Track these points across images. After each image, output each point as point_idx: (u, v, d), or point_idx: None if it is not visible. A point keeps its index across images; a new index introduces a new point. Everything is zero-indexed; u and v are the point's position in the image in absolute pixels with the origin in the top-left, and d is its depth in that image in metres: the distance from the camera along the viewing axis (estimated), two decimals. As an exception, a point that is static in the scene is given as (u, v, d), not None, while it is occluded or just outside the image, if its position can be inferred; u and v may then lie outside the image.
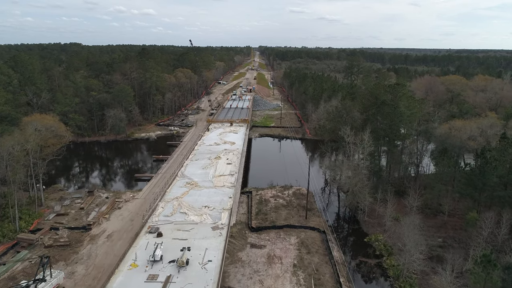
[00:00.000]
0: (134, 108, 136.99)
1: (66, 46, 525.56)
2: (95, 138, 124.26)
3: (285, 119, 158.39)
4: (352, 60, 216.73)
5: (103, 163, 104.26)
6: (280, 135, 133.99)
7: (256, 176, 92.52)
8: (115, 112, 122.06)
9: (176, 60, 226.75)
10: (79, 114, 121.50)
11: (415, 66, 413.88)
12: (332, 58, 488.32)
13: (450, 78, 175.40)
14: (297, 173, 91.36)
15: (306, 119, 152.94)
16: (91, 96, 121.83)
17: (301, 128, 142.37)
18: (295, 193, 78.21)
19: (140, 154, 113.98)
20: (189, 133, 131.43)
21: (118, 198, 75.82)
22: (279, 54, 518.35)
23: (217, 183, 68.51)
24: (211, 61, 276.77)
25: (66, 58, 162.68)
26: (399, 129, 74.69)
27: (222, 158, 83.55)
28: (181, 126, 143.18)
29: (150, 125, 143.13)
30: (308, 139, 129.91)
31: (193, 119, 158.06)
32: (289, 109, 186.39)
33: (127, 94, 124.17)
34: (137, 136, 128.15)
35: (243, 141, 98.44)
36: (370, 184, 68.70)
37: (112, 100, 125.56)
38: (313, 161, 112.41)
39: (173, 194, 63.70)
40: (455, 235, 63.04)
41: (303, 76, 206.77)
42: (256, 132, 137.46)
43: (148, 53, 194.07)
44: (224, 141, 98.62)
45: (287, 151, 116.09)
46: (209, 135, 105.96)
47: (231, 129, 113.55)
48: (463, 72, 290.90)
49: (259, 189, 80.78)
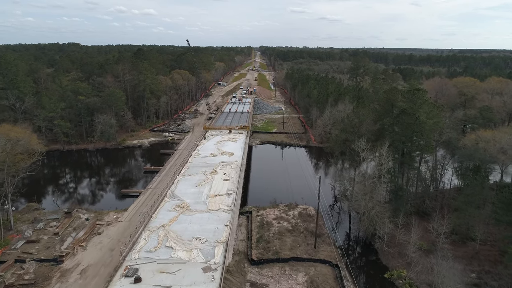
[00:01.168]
0: (126, 112, 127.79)
1: (64, 46, 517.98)
2: (83, 146, 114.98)
3: (288, 124, 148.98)
4: (357, 61, 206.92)
5: (88, 175, 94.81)
6: (283, 142, 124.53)
7: (257, 191, 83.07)
8: (105, 118, 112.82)
9: (173, 61, 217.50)
10: (65, 120, 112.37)
11: (419, 66, 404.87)
12: (334, 59, 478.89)
13: (462, 80, 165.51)
14: (303, 188, 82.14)
15: (310, 124, 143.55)
16: (79, 100, 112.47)
17: (305, 134, 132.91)
18: (301, 214, 68.73)
19: (130, 165, 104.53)
20: (185, 139, 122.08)
21: (100, 220, 66.48)
22: (280, 54, 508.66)
23: (212, 205, 59.07)
24: (210, 62, 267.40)
25: (56, 59, 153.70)
26: (420, 141, 65.15)
27: (219, 173, 74.15)
28: (176, 132, 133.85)
29: (143, 131, 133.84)
30: (313, 146, 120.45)
31: (190, 124, 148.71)
32: (291, 112, 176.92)
33: (117, 98, 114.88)
34: (128, 143, 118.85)
35: (242, 152, 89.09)
36: (389, 207, 59.19)
37: (102, 105, 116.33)
38: (318, 169, 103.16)
39: (160, 220, 54.33)
40: (491, 269, 53.55)
41: (306, 78, 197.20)
42: (257, 138, 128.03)
43: (143, 54, 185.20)
44: (221, 151, 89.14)
45: (291, 160, 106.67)
46: (206, 144, 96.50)
47: (229, 137, 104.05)
48: (471, 73, 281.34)
49: (260, 208, 71.33)
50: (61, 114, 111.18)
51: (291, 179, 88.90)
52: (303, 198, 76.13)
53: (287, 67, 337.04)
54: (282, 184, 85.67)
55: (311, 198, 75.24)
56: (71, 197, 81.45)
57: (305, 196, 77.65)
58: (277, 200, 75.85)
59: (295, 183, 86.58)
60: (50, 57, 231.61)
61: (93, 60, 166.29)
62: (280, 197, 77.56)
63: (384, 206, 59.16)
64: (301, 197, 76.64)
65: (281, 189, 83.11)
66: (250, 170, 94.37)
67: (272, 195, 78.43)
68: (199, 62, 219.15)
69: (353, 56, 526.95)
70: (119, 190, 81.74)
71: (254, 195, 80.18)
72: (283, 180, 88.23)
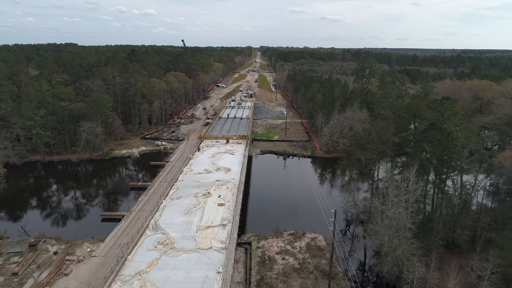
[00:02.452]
0: (115, 119, 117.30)
1: (61, 46, 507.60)
2: (66, 157, 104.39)
3: (291, 130, 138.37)
4: (363, 62, 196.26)
5: (66, 192, 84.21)
6: (285, 151, 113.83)
7: (257, 214, 72.34)
8: (90, 126, 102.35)
9: (169, 62, 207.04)
10: (47, 128, 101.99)
11: (423, 67, 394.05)
12: (336, 59, 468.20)
13: (477, 83, 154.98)
14: (310, 209, 71.69)
15: (314, 131, 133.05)
16: (62, 106, 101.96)
17: (310, 143, 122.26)
18: (310, 246, 58.15)
19: (116, 180, 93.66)
20: (178, 149, 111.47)
21: (71, 253, 56.00)
22: (281, 54, 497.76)
23: (202, 242, 48.50)
24: (208, 63, 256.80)
25: (39, 62, 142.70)
26: (452, 160, 54.59)
27: (213, 195, 63.58)
28: (170, 140, 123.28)
29: (134, 139, 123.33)
30: (319, 157, 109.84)
31: (185, 131, 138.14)
32: (294, 117, 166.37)
33: (103, 104, 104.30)
34: (116, 153, 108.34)
35: (241, 167, 78.56)
36: (417, 244, 48.62)
37: (87, 111, 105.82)
38: (325, 184, 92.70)
39: (136, 264, 43.78)
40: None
41: (309, 80, 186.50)
42: (257, 147, 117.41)
43: (136, 55, 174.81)
44: (217, 166, 78.43)
45: (295, 173, 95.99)
46: (199, 158, 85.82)
47: (226, 148, 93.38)
48: (480, 74, 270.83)
49: (261, 237, 60.78)
50: (42, 122, 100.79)
51: (296, 198, 78.37)
52: (311, 223, 65.73)
53: (289, 68, 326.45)
54: (286, 205, 75.13)
55: (320, 223, 64.81)
56: (43, 220, 70.83)
57: (313, 220, 67.26)
58: (281, 226, 65.30)
59: (301, 202, 76.10)
60: (43, 58, 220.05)
61: (83, 62, 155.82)
62: (284, 221, 67.10)
63: (411, 241, 48.62)
64: (309, 221, 66.29)
65: (284, 211, 72.63)
66: (250, 187, 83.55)
67: (274, 219, 67.92)
68: (196, 63, 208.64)
69: (355, 57, 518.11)
70: (99, 212, 71.12)
71: (254, 219, 69.54)
72: (287, 200, 77.66)
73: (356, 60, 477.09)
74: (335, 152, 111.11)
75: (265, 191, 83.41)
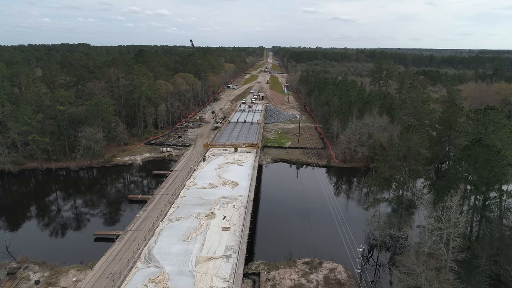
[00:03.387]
0: (118, 123, 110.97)
1: (73, 46, 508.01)
2: (65, 164, 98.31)
3: (304, 136, 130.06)
4: (380, 63, 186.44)
5: (60, 205, 77.58)
6: (298, 160, 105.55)
7: (267, 236, 64.25)
8: (91, 131, 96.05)
9: (178, 62, 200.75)
10: (45, 133, 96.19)
11: (441, 68, 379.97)
12: (350, 60, 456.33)
13: (507, 87, 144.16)
14: (327, 230, 63.64)
15: (330, 137, 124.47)
16: (60, 111, 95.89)
17: (325, 151, 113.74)
18: (328, 280, 49.97)
19: (114, 191, 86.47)
20: (184, 156, 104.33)
21: (54, 284, 49.10)
22: (293, 55, 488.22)
23: (201, 280, 40.80)
24: (219, 64, 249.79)
25: (42, 63, 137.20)
26: (500, 182, 45.80)
27: (217, 216, 55.94)
28: (176, 146, 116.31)
29: (138, 144, 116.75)
30: (335, 166, 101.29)
31: (192, 135, 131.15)
32: (307, 121, 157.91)
33: (104, 109, 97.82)
34: (118, 160, 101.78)
35: (250, 180, 70.83)
36: (460, 285, 40.05)
37: (87, 116, 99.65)
38: (341, 196, 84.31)
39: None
40: None
41: (323, 82, 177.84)
42: (268, 155, 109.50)
43: (144, 55, 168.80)
44: (223, 180, 70.70)
45: (310, 186, 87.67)
46: (204, 169, 78.24)
47: (234, 158, 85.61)
48: (503, 76, 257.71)
49: (272, 266, 52.86)
50: (39, 127, 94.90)
51: (310, 215, 70.22)
52: (329, 247, 57.69)
53: (301, 69, 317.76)
54: (300, 224, 67.05)
55: (339, 248, 56.87)
56: (31, 239, 64.18)
57: (331, 245, 59.19)
58: (294, 250, 57.43)
59: (317, 222, 67.97)
60: (47, 59, 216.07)
61: (89, 63, 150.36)
62: (297, 244, 59.34)
63: (453, 283, 40.09)
64: (326, 245, 58.29)
65: (298, 231, 64.59)
66: (259, 202, 75.48)
67: (287, 242, 60.09)
68: (206, 64, 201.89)
69: (370, 57, 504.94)
70: (93, 230, 64.11)
71: (263, 242, 61.55)
72: (300, 218, 69.56)
73: (370, 61, 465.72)
74: (352, 162, 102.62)
75: (276, 207, 75.18)
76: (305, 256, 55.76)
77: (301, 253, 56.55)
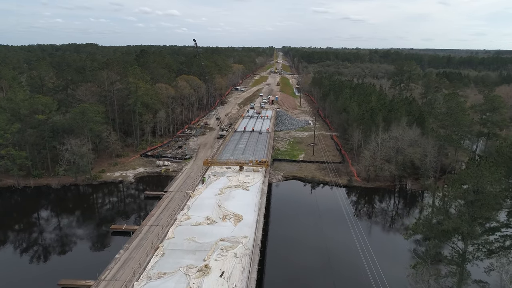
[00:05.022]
0: (110, 133, 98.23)
1: (81, 46, 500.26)
2: (46, 181, 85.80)
3: (319, 147, 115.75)
4: (401, 65, 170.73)
5: (28, 238, 64.44)
6: (314, 178, 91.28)
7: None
8: (76, 143, 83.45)
9: (183, 64, 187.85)
10: (22, 147, 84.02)
11: (459, 69, 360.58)
12: (363, 60, 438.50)
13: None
14: (355, 282, 49.43)
15: (348, 149, 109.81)
16: (39, 120, 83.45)
17: (344, 166, 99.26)
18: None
19: (96, 218, 72.07)
20: (182, 172, 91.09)
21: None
22: (304, 55, 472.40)
23: None
24: (226, 65, 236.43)
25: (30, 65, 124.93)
26: None
27: (212, 271, 42.07)
28: (175, 159, 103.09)
29: (133, 156, 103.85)
30: (357, 187, 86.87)
31: (195, 145, 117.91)
32: (321, 128, 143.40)
33: (90, 118, 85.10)
34: (107, 177, 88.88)
35: (257, 213, 56.86)
36: None
37: (71, 126, 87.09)
38: (369, 229, 69.87)
39: None
40: None
41: (338, 85, 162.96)
42: (278, 170, 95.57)
43: (145, 56, 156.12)
44: (224, 212, 56.67)
45: (332, 215, 72.62)
46: (202, 196, 64.20)
47: (239, 180, 71.50)
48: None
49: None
50: (15, 139, 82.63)
51: (332, 258, 56.05)
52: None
53: (313, 70, 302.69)
54: (320, 273, 52.92)
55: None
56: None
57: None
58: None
59: (341, 268, 53.79)
60: (36, 59, 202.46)
61: (86, 64, 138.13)
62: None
63: None
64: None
65: (318, 284, 50.46)
66: (267, 241, 60.66)
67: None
68: (212, 65, 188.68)
69: (383, 58, 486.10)
70: (57, 279, 50.73)
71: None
72: (320, 263, 55.39)
73: (385, 62, 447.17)
74: (377, 181, 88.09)
75: (290, 246, 60.53)
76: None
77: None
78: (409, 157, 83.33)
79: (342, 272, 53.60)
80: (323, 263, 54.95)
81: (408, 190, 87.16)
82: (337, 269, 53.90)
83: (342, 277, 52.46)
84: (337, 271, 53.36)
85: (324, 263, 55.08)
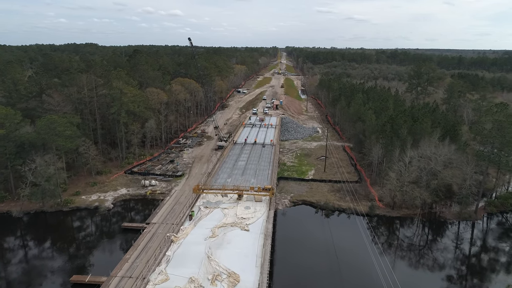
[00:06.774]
0: (89, 148, 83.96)
1: (80, 46, 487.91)
2: (7, 207, 71.69)
3: (331, 160, 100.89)
4: (419, 67, 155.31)
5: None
6: (328, 203, 76.23)
7: None
8: (43, 162, 69.28)
9: (180, 65, 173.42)
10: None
11: (470, 70, 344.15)
12: (370, 61, 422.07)
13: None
14: None
15: (365, 165, 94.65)
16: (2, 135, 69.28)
17: (362, 186, 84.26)
18: None
19: (58, 263, 57.07)
20: (171, 196, 76.63)
21: None
22: (309, 55, 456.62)
23: None
24: (227, 67, 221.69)
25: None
26: None
27: None
28: (164, 176, 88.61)
29: (116, 173, 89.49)
30: (381, 216, 71.91)
31: (189, 158, 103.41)
32: (332, 137, 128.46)
33: (59, 132, 70.76)
34: (81, 201, 74.58)
35: (259, 270, 42.13)
36: None
37: (37, 141, 72.86)
38: (400, 273, 55.08)
39: None
40: None
41: (349, 89, 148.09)
42: (285, 192, 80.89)
43: (137, 57, 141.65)
44: (214, 270, 41.47)
45: (350, 253, 58.19)
46: (187, 240, 49.20)
47: (237, 214, 56.58)
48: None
49: None
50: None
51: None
52: None
53: (319, 71, 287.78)
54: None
55: None
56: None
57: None
58: None
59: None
60: (7, 61, 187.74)
61: (71, 66, 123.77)
62: None
63: None
64: None
65: None
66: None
67: None
68: (212, 67, 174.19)
69: (391, 58, 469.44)
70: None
71: None
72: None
73: (392, 62, 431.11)
74: (405, 207, 73.12)
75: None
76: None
77: None
78: (445, 180, 68.40)
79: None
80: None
81: (442, 219, 72.02)
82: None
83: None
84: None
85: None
